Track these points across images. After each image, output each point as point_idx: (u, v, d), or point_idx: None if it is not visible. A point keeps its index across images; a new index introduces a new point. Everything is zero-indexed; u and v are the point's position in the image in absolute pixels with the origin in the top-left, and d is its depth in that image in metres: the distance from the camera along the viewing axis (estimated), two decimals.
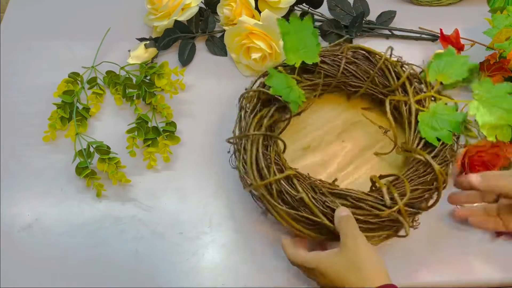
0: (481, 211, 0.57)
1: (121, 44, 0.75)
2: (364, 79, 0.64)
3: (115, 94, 0.70)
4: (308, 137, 0.66)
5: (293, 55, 0.59)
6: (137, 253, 0.59)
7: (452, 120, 0.58)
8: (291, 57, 0.59)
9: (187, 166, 0.65)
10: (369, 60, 0.64)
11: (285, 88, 0.57)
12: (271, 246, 0.59)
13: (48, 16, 0.80)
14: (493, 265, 0.58)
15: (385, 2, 0.81)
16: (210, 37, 0.77)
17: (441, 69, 0.61)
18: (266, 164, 0.53)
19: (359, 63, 0.64)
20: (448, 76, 0.60)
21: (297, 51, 0.60)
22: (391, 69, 0.63)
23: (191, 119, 0.69)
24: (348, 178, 0.62)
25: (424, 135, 0.58)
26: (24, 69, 0.74)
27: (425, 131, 0.58)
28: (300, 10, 0.78)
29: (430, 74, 0.61)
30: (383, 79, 0.64)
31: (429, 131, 0.58)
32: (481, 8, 0.76)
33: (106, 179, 0.62)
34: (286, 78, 0.59)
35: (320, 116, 0.68)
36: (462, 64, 0.60)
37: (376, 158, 0.64)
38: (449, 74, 0.60)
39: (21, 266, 0.57)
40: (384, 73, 0.64)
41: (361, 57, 0.64)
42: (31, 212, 0.61)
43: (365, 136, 0.66)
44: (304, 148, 0.65)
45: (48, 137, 0.65)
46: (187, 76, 0.72)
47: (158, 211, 0.61)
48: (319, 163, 0.64)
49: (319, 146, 0.65)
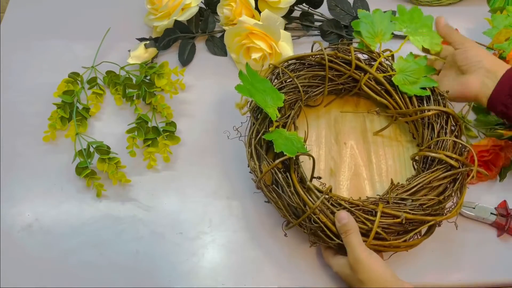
0: None
1: (121, 44, 0.75)
2: (321, 82, 0.64)
3: (115, 94, 0.70)
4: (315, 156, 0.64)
5: (268, 108, 0.56)
6: (137, 253, 0.59)
7: (419, 65, 0.63)
8: (269, 111, 0.55)
9: (187, 166, 0.65)
10: (319, 65, 0.64)
11: (291, 144, 0.54)
12: (271, 246, 0.59)
13: (48, 16, 0.80)
14: (500, 266, 0.58)
15: (385, 2, 0.81)
16: (210, 37, 0.77)
17: (373, 32, 0.65)
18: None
19: (306, 73, 0.63)
20: (382, 34, 0.64)
21: (267, 103, 0.56)
22: (338, 61, 0.63)
23: (191, 119, 0.69)
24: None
25: (410, 93, 0.61)
26: (24, 69, 0.74)
27: (408, 89, 0.62)
28: (300, 10, 0.78)
29: (367, 41, 0.64)
30: (338, 73, 0.64)
31: (411, 87, 0.62)
32: (481, 8, 0.77)
33: (106, 179, 0.62)
34: (282, 133, 0.55)
35: (310, 135, 0.66)
36: (385, 17, 0.65)
37: (386, 143, 0.66)
38: (382, 31, 0.64)
39: (21, 266, 0.57)
40: (334, 68, 0.64)
41: (306, 64, 0.64)
42: (31, 212, 0.61)
43: (359, 128, 0.67)
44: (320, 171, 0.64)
45: (48, 137, 0.65)
46: (187, 76, 0.72)
47: (158, 211, 0.61)
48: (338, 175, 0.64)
49: (329, 159, 0.65)
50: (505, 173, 0.63)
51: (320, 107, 0.69)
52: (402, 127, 0.67)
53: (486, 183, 0.64)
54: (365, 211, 0.52)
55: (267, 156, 0.55)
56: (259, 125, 0.57)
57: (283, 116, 0.59)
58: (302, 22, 0.78)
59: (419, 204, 0.53)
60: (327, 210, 0.51)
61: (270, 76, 0.62)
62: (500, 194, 0.63)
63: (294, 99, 0.61)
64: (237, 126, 0.60)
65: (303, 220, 0.52)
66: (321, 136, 0.67)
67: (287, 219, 0.54)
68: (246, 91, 0.55)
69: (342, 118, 0.68)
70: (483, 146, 0.61)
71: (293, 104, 0.62)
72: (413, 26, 0.64)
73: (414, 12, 0.64)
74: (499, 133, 0.62)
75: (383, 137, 0.67)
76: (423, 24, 0.64)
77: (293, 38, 0.73)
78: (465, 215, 0.61)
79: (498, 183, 0.64)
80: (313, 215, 0.51)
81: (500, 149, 0.61)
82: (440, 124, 0.59)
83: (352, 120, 0.68)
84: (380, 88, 0.64)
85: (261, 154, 0.55)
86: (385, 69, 0.64)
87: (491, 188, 0.64)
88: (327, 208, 0.52)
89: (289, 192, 0.52)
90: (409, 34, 0.64)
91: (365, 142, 0.66)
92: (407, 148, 0.65)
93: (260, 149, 0.56)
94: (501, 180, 0.63)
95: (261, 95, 0.56)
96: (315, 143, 0.66)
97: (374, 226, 0.50)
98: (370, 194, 0.62)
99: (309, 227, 0.52)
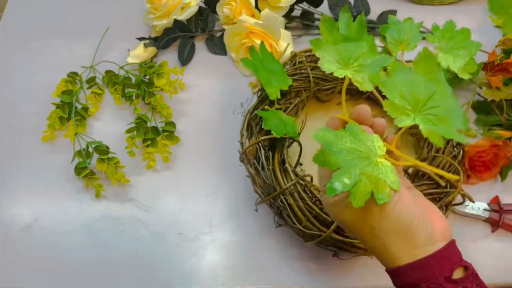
0: None
1: (120, 43, 0.75)
2: (335, 78, 0.63)
3: (114, 93, 0.70)
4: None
5: (270, 88, 0.56)
6: (137, 253, 0.58)
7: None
8: (270, 90, 0.56)
9: (187, 166, 0.65)
10: None
11: (283, 126, 0.54)
12: (271, 246, 0.59)
13: (47, 15, 0.80)
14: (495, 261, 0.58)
15: (386, 2, 0.80)
16: (209, 36, 0.76)
17: (398, 39, 0.60)
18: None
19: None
20: (407, 43, 0.59)
21: (271, 82, 0.56)
22: None
23: (191, 119, 0.69)
24: None
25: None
26: (23, 69, 0.73)
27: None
28: (300, 9, 0.77)
29: (390, 46, 0.60)
30: None
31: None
32: (482, 8, 0.76)
33: (105, 179, 0.62)
34: (278, 114, 0.55)
35: (311, 128, 0.64)
36: (414, 27, 0.60)
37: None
38: (407, 40, 0.59)
39: (21, 266, 0.57)
40: None
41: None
42: (30, 212, 0.61)
43: None
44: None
45: (47, 137, 0.65)
46: (186, 76, 0.72)
47: (158, 211, 0.61)
48: None
49: None
50: (506, 173, 0.63)
51: (332, 104, 0.68)
52: (406, 139, 0.66)
53: (485, 183, 0.64)
54: None
55: (259, 134, 0.56)
56: (259, 103, 0.58)
57: (287, 101, 0.60)
58: (302, 21, 0.77)
59: None
60: (297, 195, 0.52)
61: (288, 63, 0.63)
62: (502, 194, 0.62)
63: (302, 88, 0.62)
64: (237, 126, 0.60)
65: (273, 199, 0.53)
66: None
67: (259, 195, 0.55)
68: (251, 65, 0.55)
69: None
70: (481, 147, 0.61)
71: (300, 92, 0.62)
72: (451, 44, 0.58)
73: (462, 33, 0.58)
74: (497, 133, 0.62)
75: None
76: (464, 47, 0.57)
77: (293, 37, 0.73)
78: (459, 212, 0.61)
79: (500, 183, 0.64)
80: (282, 196, 0.52)
81: (499, 149, 0.61)
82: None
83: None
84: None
85: (254, 130, 0.57)
86: None
87: (491, 187, 0.63)
88: (297, 192, 0.52)
89: (266, 169, 0.54)
90: (440, 50, 0.58)
91: None
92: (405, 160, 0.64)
93: (253, 124, 0.57)
94: (502, 180, 0.63)
95: (266, 74, 0.56)
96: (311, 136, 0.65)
97: None
98: None
99: (276, 206, 0.54)
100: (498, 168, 0.62)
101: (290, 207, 0.52)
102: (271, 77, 0.56)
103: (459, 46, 0.57)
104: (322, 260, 0.58)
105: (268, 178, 0.53)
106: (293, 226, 0.52)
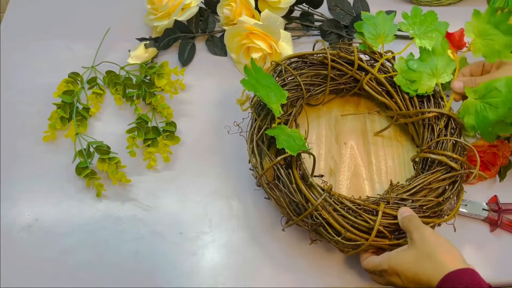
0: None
1: (121, 44, 0.75)
2: (323, 82, 0.64)
3: (115, 94, 0.70)
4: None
5: (272, 104, 0.55)
6: (137, 253, 0.59)
7: (425, 65, 0.61)
8: (273, 107, 0.54)
9: (187, 166, 0.65)
10: (321, 64, 0.64)
11: (293, 141, 0.53)
12: (271, 246, 0.59)
13: (48, 16, 0.80)
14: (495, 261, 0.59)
15: (385, 2, 0.81)
16: (210, 37, 0.77)
17: (375, 34, 0.64)
18: None
19: (308, 71, 0.63)
20: (385, 36, 0.64)
21: (270, 98, 0.55)
22: (340, 61, 0.63)
23: (191, 119, 0.69)
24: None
25: (412, 93, 0.62)
26: (24, 69, 0.74)
27: (408, 88, 0.62)
28: (300, 10, 0.78)
29: (369, 41, 0.64)
30: (340, 72, 0.64)
31: (409, 85, 0.62)
32: (481, 9, 0.76)
33: (106, 179, 0.62)
34: (284, 130, 0.54)
35: (310, 134, 0.66)
36: (387, 19, 0.64)
37: (387, 144, 0.66)
38: (384, 33, 0.64)
39: (21, 266, 0.57)
40: (336, 68, 0.64)
41: (308, 63, 0.64)
42: (31, 212, 0.61)
43: (359, 128, 0.67)
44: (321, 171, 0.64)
45: (48, 137, 0.65)
46: (187, 76, 0.72)
47: (158, 211, 0.61)
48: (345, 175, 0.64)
49: (329, 159, 0.65)
50: (505, 173, 0.63)
51: (321, 106, 0.69)
52: (402, 128, 0.67)
53: (484, 183, 0.64)
54: (366, 211, 0.52)
55: (270, 153, 0.55)
56: (261, 121, 0.57)
57: (285, 113, 0.59)
58: (302, 22, 0.78)
59: (419, 205, 0.53)
60: (329, 207, 0.51)
61: (272, 73, 0.62)
62: (501, 193, 0.62)
63: (295, 97, 0.61)
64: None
65: (304, 217, 0.52)
66: (321, 136, 0.67)
67: (287, 217, 0.54)
68: (250, 86, 0.54)
69: (342, 118, 0.68)
70: (480, 147, 0.61)
71: (294, 102, 0.62)
72: (423, 29, 0.63)
73: (429, 16, 0.63)
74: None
75: (383, 138, 0.67)
76: (435, 29, 0.63)
77: (293, 38, 0.73)
78: (458, 212, 0.61)
79: (498, 183, 0.64)
80: (315, 211, 0.51)
81: (497, 149, 0.62)
82: (439, 126, 0.59)
83: (352, 120, 0.68)
84: (381, 89, 0.64)
85: (263, 150, 0.55)
86: (386, 70, 0.64)
87: (490, 187, 0.64)
88: (329, 205, 0.52)
89: (291, 188, 0.52)
90: (416, 36, 0.63)
91: (365, 142, 0.66)
92: (407, 149, 0.66)
93: (262, 145, 0.56)
94: (501, 180, 0.63)
95: (265, 90, 0.56)
96: (316, 142, 0.66)
97: (376, 224, 0.51)
98: (370, 194, 0.62)
99: (310, 224, 0.52)
100: (497, 168, 0.62)
101: (326, 221, 0.51)
102: (269, 93, 0.56)
103: (430, 29, 0.63)
104: (322, 260, 0.58)
105: (295, 197, 0.52)
106: (331, 239, 0.52)
